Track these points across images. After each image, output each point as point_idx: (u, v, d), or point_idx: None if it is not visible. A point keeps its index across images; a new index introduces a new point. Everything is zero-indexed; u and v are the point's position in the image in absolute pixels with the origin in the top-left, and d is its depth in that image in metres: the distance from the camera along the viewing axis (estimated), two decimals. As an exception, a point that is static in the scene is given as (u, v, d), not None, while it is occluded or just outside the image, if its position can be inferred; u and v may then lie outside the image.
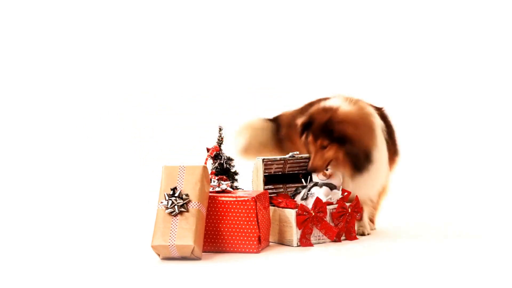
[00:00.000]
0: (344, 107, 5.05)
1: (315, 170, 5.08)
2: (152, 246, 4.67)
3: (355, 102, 5.12)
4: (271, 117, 5.84)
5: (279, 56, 7.46)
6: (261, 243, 4.89)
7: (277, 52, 7.46)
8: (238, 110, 7.32)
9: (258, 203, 4.87)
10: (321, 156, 5.05)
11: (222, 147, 5.24)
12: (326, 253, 4.84)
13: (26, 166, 7.20)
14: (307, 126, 5.11)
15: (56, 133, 7.38)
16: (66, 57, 7.51)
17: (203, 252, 4.78)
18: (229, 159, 5.24)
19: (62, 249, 5.14)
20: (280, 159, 5.29)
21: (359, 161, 5.03)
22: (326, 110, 5.06)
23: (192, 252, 4.65)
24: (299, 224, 4.97)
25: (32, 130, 7.39)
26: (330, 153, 5.04)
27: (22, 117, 7.43)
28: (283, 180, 5.37)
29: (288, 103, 7.31)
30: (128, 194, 6.81)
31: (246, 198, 4.86)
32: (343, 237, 5.14)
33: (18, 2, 7.48)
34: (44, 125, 7.41)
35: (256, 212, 4.84)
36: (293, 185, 5.36)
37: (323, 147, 5.04)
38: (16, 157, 7.27)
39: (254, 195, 4.90)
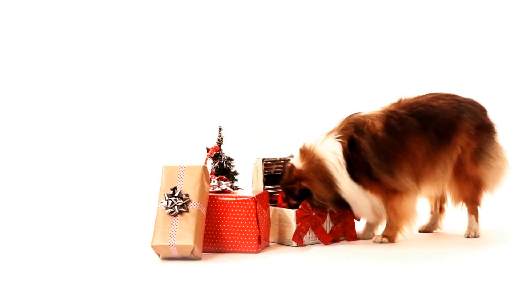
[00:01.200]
0: (297, 165, 5.08)
1: None
2: (152, 246, 4.66)
3: (307, 153, 5.07)
4: None
5: (279, 56, 7.45)
6: (261, 243, 4.89)
7: (277, 52, 7.45)
8: (238, 110, 7.32)
9: (258, 203, 4.87)
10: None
11: (222, 147, 5.25)
12: (326, 253, 4.84)
13: (27, 166, 7.20)
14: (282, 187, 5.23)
15: (56, 133, 7.38)
16: (66, 58, 7.50)
17: (203, 252, 4.78)
18: (229, 159, 5.24)
19: (62, 249, 5.14)
20: (280, 159, 5.30)
21: (335, 210, 5.08)
22: (290, 169, 5.12)
23: (192, 252, 4.64)
24: (298, 219, 5.00)
25: (33, 130, 7.38)
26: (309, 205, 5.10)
27: (22, 117, 7.43)
28: None
29: (288, 103, 7.34)
30: (128, 194, 6.80)
31: (246, 198, 4.86)
32: (342, 237, 5.16)
33: (18, 2, 7.48)
34: (44, 125, 7.40)
35: (256, 212, 4.84)
36: None
37: (296, 206, 5.09)
38: (16, 157, 7.27)
39: (254, 195, 4.91)
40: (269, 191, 5.25)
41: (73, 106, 7.46)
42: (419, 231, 5.38)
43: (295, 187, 5.07)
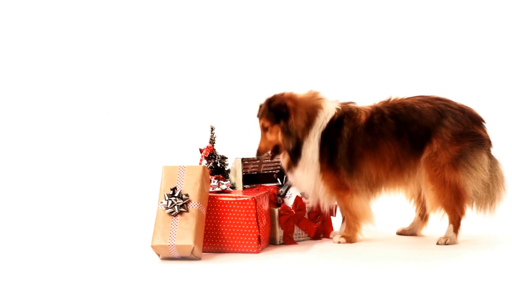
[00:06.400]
0: (296, 93, 5.11)
1: (258, 153, 5.10)
2: (152, 246, 4.67)
3: (314, 93, 5.13)
4: None
5: (278, 57, 7.45)
6: (261, 243, 4.89)
7: (276, 52, 7.45)
8: (238, 110, 7.32)
9: (258, 203, 4.87)
10: (264, 139, 5.09)
11: (215, 146, 5.27)
12: (326, 253, 4.85)
13: (26, 166, 7.20)
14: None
15: (56, 133, 7.38)
16: (66, 58, 7.51)
17: (203, 252, 4.79)
18: (223, 157, 5.28)
19: (62, 249, 5.15)
20: (257, 159, 5.33)
21: (291, 146, 5.02)
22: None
23: (192, 252, 4.65)
24: (283, 224, 5.07)
25: (32, 130, 7.38)
26: (272, 136, 5.06)
27: (22, 117, 7.43)
28: (258, 180, 5.41)
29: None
30: (128, 194, 6.81)
31: (246, 198, 4.87)
32: (321, 235, 5.26)
33: (18, 2, 7.48)
34: (44, 126, 7.41)
35: (256, 212, 4.85)
36: (268, 185, 5.40)
37: (265, 129, 5.07)
38: (16, 157, 7.27)
39: (254, 195, 4.91)
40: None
41: (73, 106, 7.46)
42: (397, 234, 5.34)
43: (277, 99, 5.07)
